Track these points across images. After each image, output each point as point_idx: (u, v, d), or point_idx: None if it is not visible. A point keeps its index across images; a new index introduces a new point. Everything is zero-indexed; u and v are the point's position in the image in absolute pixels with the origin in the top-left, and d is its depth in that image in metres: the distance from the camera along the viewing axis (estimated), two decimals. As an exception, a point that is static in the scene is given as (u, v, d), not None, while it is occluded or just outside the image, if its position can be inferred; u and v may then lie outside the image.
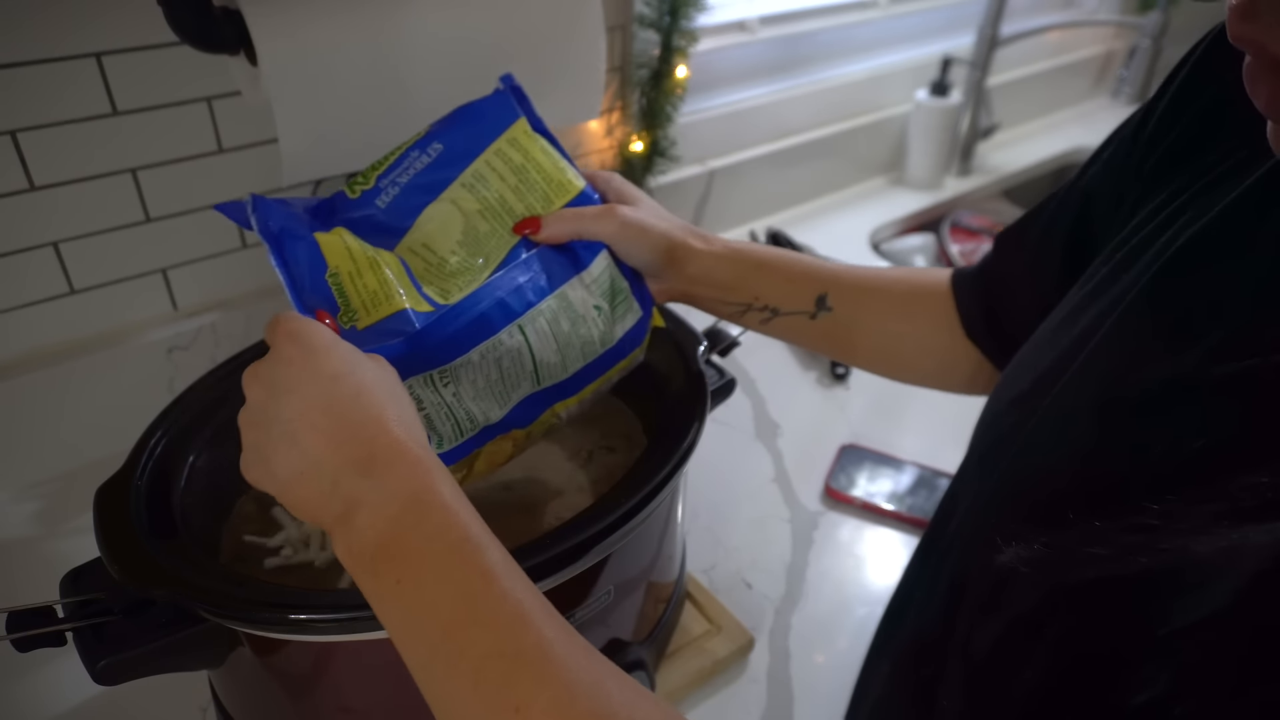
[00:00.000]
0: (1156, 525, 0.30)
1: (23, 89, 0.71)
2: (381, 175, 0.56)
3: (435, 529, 0.37)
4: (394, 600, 0.37)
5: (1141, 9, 1.78)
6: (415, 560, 0.36)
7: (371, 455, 0.38)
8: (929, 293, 0.62)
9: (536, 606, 0.36)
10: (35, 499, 0.80)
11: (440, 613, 0.35)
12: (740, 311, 0.61)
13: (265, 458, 0.40)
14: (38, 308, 0.79)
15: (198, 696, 0.63)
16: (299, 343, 0.41)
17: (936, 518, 0.52)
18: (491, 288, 0.51)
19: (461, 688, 0.34)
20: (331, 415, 0.39)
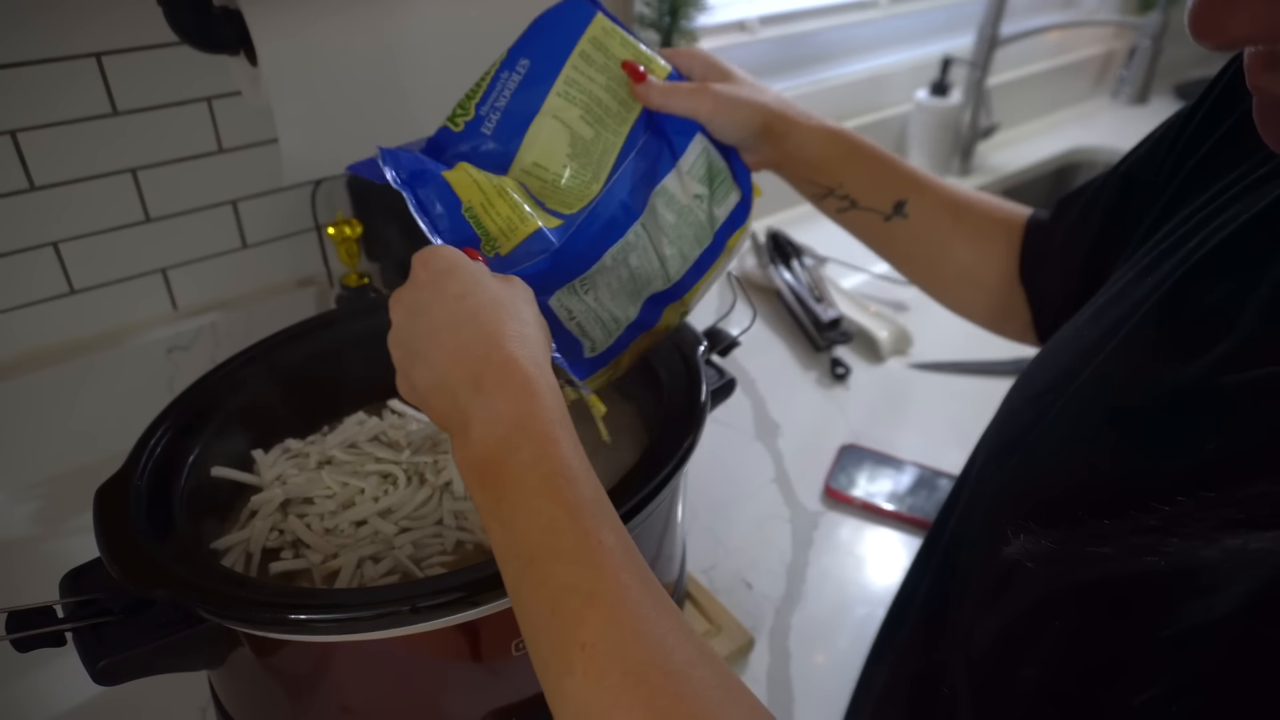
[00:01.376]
0: (1164, 527, 0.30)
1: (23, 89, 0.72)
2: (480, 103, 0.56)
3: (531, 458, 0.38)
4: (494, 517, 0.38)
5: (1141, 9, 1.78)
6: (512, 485, 0.38)
7: (483, 373, 0.40)
8: (1001, 226, 0.61)
9: (618, 547, 0.36)
10: (35, 499, 0.80)
11: (528, 540, 0.37)
12: (821, 195, 0.61)
13: (406, 374, 0.43)
14: (38, 308, 0.79)
15: (198, 696, 0.63)
16: (429, 267, 0.44)
17: (941, 515, 0.52)
18: (611, 193, 0.54)
19: (540, 613, 0.36)
20: (454, 332, 0.41)
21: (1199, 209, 0.41)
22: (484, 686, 0.53)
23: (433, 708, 0.53)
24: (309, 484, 0.59)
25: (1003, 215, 0.62)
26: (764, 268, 1.17)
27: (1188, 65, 2.00)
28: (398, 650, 0.49)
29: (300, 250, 0.92)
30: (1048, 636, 0.33)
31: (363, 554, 0.55)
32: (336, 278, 0.91)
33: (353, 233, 0.84)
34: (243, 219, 0.87)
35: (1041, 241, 0.59)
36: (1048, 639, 0.32)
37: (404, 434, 0.64)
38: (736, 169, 0.59)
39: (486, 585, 0.46)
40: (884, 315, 1.09)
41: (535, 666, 0.37)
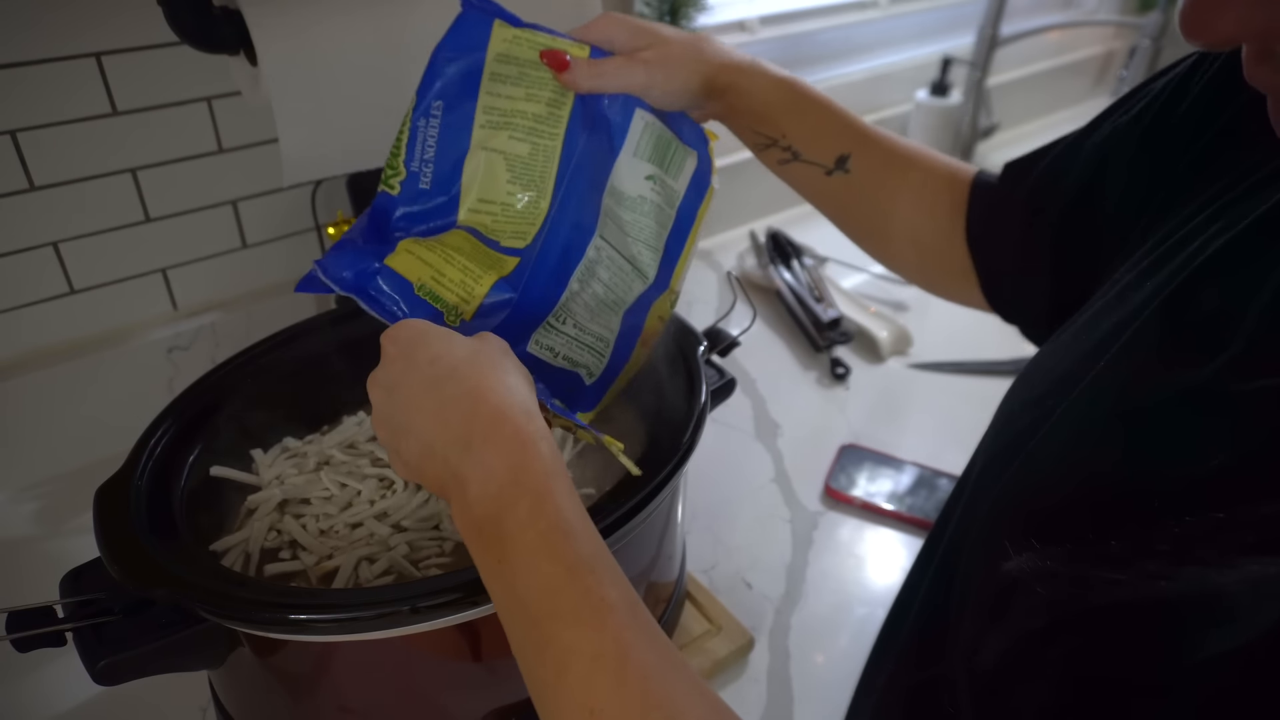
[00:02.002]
0: (1176, 552, 0.30)
1: (23, 89, 0.72)
2: (407, 159, 0.55)
3: (528, 514, 0.37)
4: (496, 578, 0.38)
5: (1141, 9, 1.78)
6: (510, 544, 0.37)
7: (471, 430, 0.39)
8: (945, 183, 0.60)
9: (621, 603, 0.36)
10: (35, 499, 0.80)
11: (529, 601, 0.36)
12: (764, 145, 0.59)
13: (397, 452, 0.43)
14: (38, 308, 0.79)
15: (198, 696, 0.63)
16: (398, 341, 0.43)
17: (941, 518, 0.51)
18: (561, 214, 0.53)
19: (547, 676, 0.35)
20: (431, 397, 0.41)
21: (1199, 209, 0.41)
22: (484, 686, 0.53)
23: (433, 708, 0.53)
24: (307, 485, 0.59)
25: (947, 172, 0.60)
26: (764, 268, 1.17)
27: (1188, 65, 1.99)
28: (398, 650, 0.49)
29: (300, 250, 0.92)
30: (1055, 659, 0.32)
31: (359, 555, 0.55)
32: (336, 278, 0.91)
33: (353, 233, 0.84)
34: (243, 219, 0.87)
35: (992, 206, 0.57)
36: (1055, 662, 0.32)
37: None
38: (684, 132, 0.56)
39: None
40: (884, 315, 1.09)
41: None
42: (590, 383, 0.54)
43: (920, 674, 0.45)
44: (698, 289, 1.18)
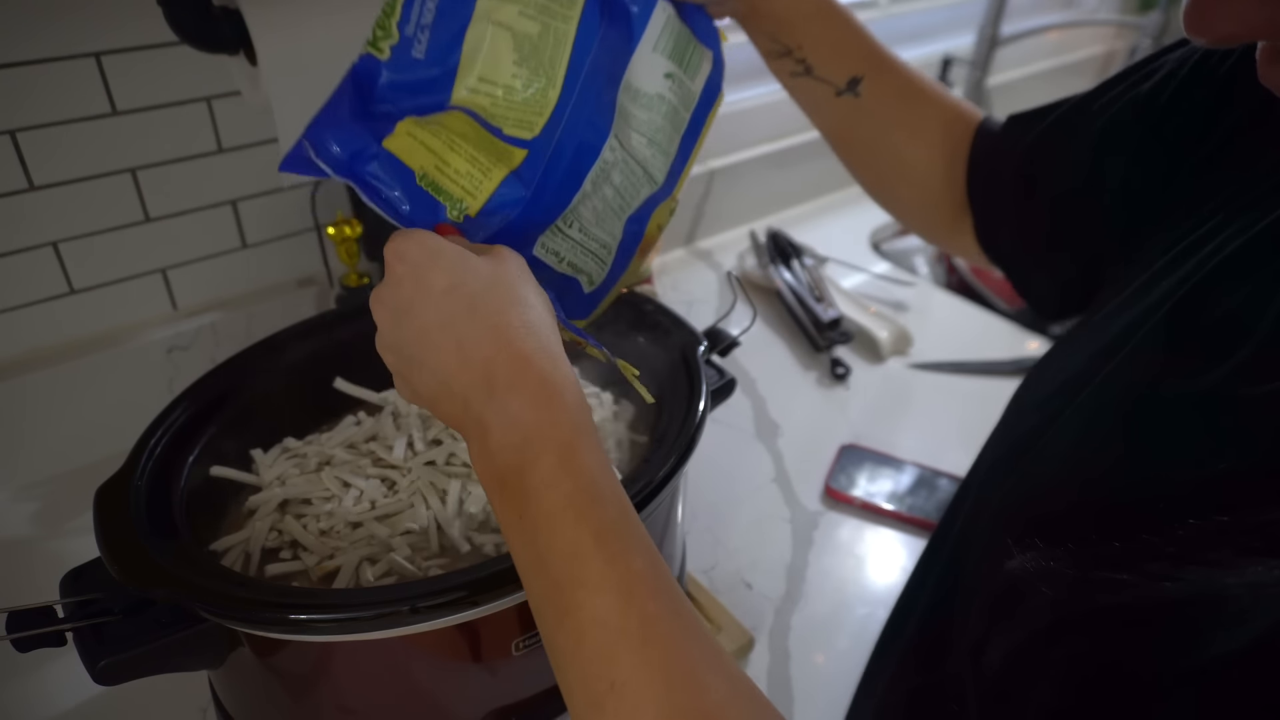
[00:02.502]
0: (1181, 554, 0.30)
1: (23, 89, 0.72)
2: (402, 20, 0.48)
3: (552, 473, 0.35)
4: (515, 531, 0.36)
5: (1141, 9, 1.78)
6: (533, 502, 0.35)
7: (494, 374, 0.37)
8: (953, 123, 0.59)
9: (648, 572, 0.35)
10: (35, 499, 0.80)
11: (551, 564, 0.35)
12: (778, 54, 0.57)
13: (405, 380, 0.40)
14: (38, 308, 0.79)
15: (198, 696, 0.63)
16: (406, 260, 0.40)
17: (945, 517, 0.51)
18: (577, 109, 0.48)
19: (566, 643, 0.34)
20: (449, 332, 0.38)
21: (1215, 210, 0.40)
22: (484, 686, 0.53)
23: (433, 708, 0.53)
24: (308, 485, 0.59)
25: (955, 111, 0.58)
26: (764, 268, 1.17)
27: (1188, 65, 1.99)
28: (398, 650, 0.49)
29: (300, 250, 0.92)
30: (1059, 660, 0.32)
31: (360, 556, 0.55)
32: (336, 278, 0.91)
33: (353, 233, 0.84)
34: (242, 219, 0.87)
35: (991, 157, 0.56)
36: (1060, 663, 0.32)
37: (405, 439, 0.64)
38: (699, 28, 0.52)
39: (486, 585, 0.46)
40: (884, 315, 1.09)
41: (561, 688, 0.35)
42: (589, 291, 0.51)
43: (923, 675, 0.45)
44: (698, 289, 1.18)
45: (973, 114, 0.59)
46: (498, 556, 0.53)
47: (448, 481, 0.59)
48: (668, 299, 1.15)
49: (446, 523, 0.57)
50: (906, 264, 1.32)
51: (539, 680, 0.55)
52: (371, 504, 0.58)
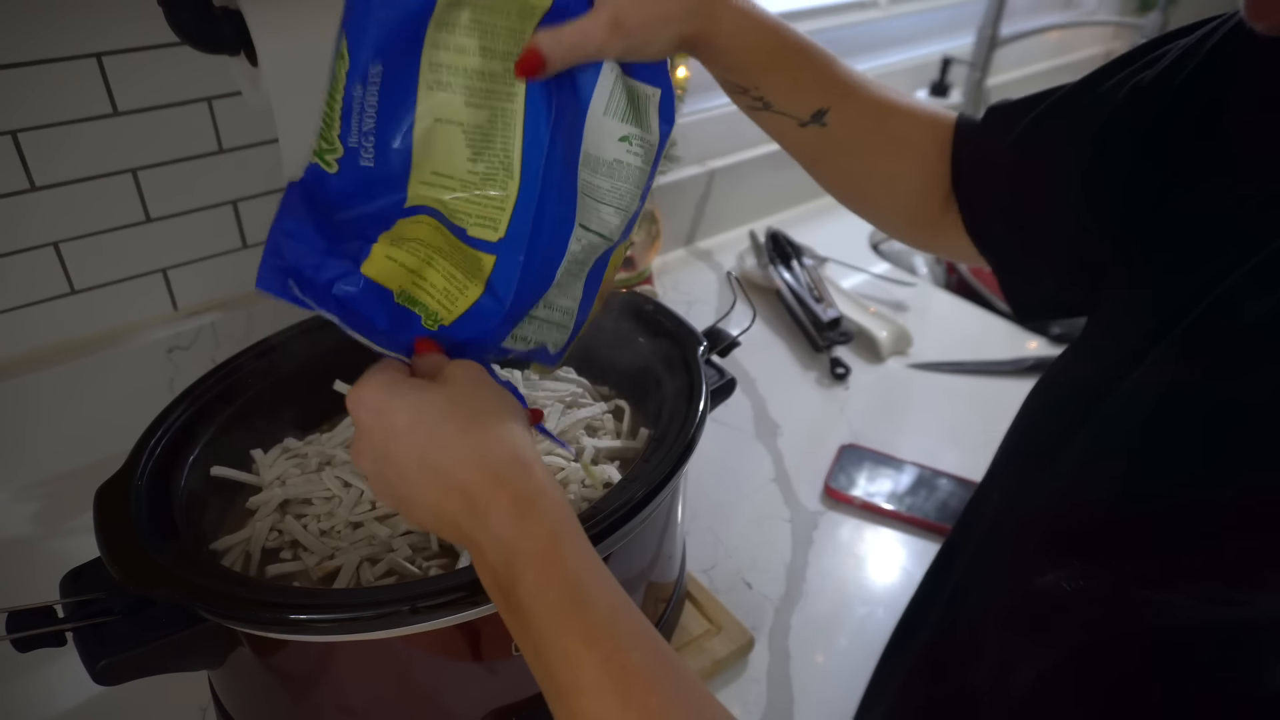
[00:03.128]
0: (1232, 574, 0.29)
1: (24, 89, 0.72)
2: (343, 134, 0.47)
3: (535, 585, 0.37)
4: (521, 638, 0.38)
5: (1141, 9, 1.78)
6: (526, 614, 0.37)
7: (472, 497, 0.39)
8: (927, 131, 0.57)
9: (645, 666, 0.35)
10: (35, 499, 0.80)
11: (552, 671, 0.36)
12: (736, 90, 0.55)
13: (409, 516, 0.42)
14: (38, 308, 0.79)
15: (198, 696, 0.63)
16: (367, 407, 0.41)
17: (963, 521, 0.50)
18: (542, 200, 0.46)
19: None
20: (426, 466, 0.40)
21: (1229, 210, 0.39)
22: (484, 686, 0.53)
23: (433, 708, 0.53)
24: (309, 485, 0.59)
25: (928, 118, 0.57)
26: (764, 268, 1.17)
27: (1188, 65, 1.99)
28: (398, 650, 0.49)
29: (300, 250, 0.92)
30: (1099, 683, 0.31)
31: (360, 556, 0.55)
32: (336, 278, 0.91)
33: (353, 233, 0.84)
34: (243, 219, 0.87)
35: (978, 148, 0.55)
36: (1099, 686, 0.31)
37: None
38: (643, 72, 0.49)
39: (486, 585, 0.46)
40: (884, 315, 1.09)
41: None
42: (555, 351, 0.52)
43: (936, 687, 0.44)
44: (698, 289, 1.18)
45: (947, 116, 0.58)
46: (498, 556, 0.53)
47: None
48: (668, 299, 1.15)
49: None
50: (906, 264, 1.32)
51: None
52: (372, 504, 0.58)
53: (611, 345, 0.69)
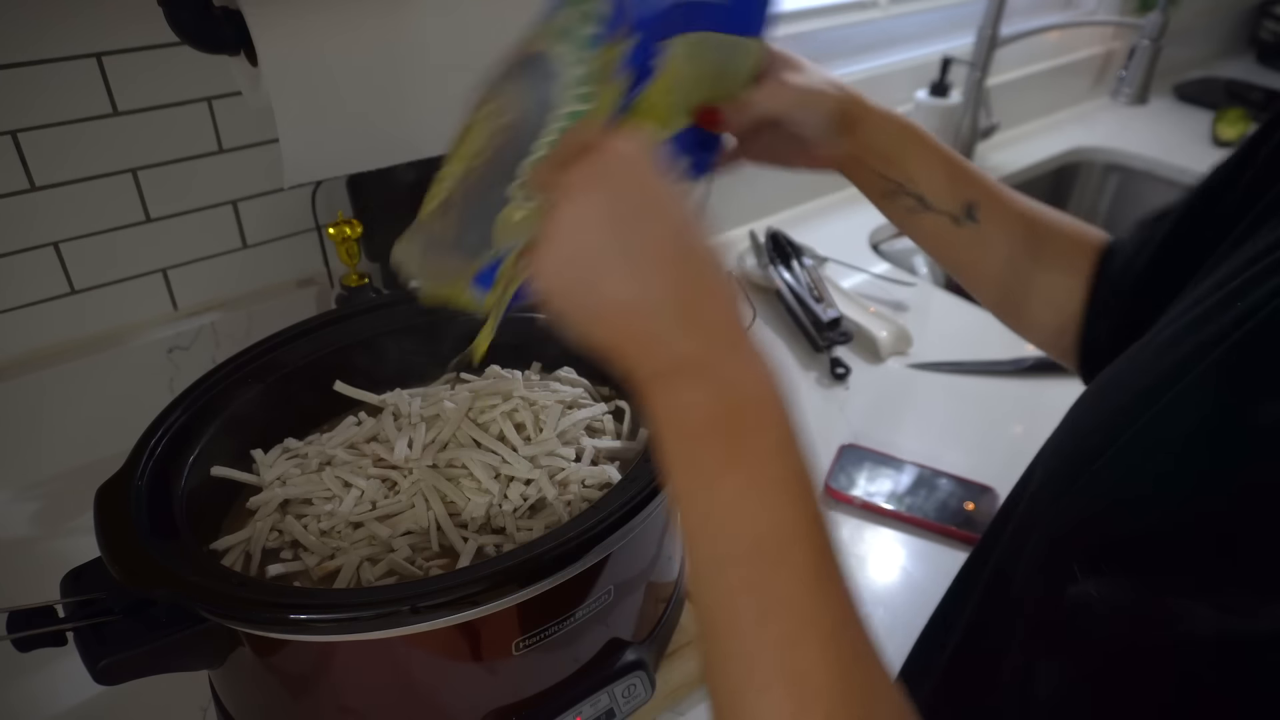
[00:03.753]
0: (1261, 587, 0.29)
1: (23, 89, 0.72)
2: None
3: (775, 445, 0.33)
4: (703, 488, 0.33)
5: (1141, 9, 1.78)
6: (745, 464, 0.33)
7: (714, 327, 0.34)
8: (1077, 247, 0.58)
9: (844, 576, 0.33)
10: (35, 499, 0.80)
11: (743, 534, 0.32)
12: (890, 191, 0.57)
13: (590, 279, 0.35)
14: (38, 308, 0.79)
15: (198, 696, 0.63)
16: (632, 157, 0.36)
17: (988, 534, 0.49)
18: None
19: (742, 617, 0.32)
20: (683, 267, 0.35)
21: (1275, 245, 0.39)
22: (484, 686, 0.53)
23: (433, 708, 0.53)
24: (309, 485, 0.59)
25: (1077, 235, 0.58)
26: (764, 268, 1.17)
27: (1187, 65, 1.99)
28: (398, 650, 0.49)
29: (300, 250, 0.92)
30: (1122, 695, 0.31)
31: (361, 556, 0.55)
32: (336, 278, 0.91)
33: (353, 233, 0.84)
34: (243, 219, 0.87)
35: (1117, 270, 0.55)
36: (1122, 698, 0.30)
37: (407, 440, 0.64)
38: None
39: (486, 585, 0.46)
40: (884, 315, 1.09)
41: (707, 658, 0.34)
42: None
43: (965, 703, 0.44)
44: (698, 289, 1.18)
45: (1095, 235, 0.59)
46: (498, 556, 0.53)
47: (449, 485, 0.59)
48: (668, 299, 1.15)
49: (446, 523, 0.57)
50: (906, 264, 1.32)
51: (539, 680, 0.55)
52: (372, 504, 0.58)
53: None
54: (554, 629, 0.52)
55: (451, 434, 0.62)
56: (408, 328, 0.71)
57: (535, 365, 0.73)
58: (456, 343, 0.72)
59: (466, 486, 0.59)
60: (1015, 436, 0.91)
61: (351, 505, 0.58)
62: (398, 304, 0.71)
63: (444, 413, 0.63)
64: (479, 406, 0.63)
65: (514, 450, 0.61)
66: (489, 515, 0.58)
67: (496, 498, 0.58)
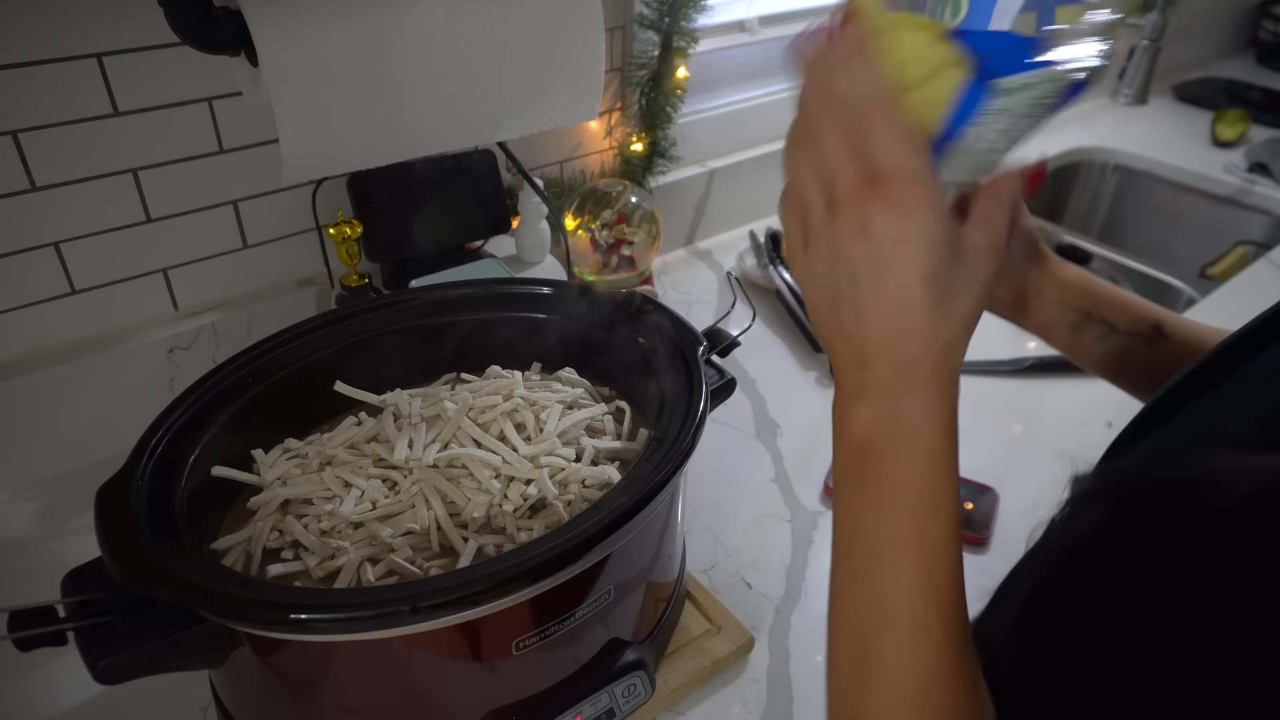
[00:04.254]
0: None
1: (25, 90, 0.72)
2: None
3: (914, 474, 0.38)
4: (843, 491, 0.40)
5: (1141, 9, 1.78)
6: (879, 483, 0.39)
7: (912, 370, 0.37)
8: None
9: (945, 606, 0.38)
10: (36, 499, 0.80)
11: (871, 537, 0.39)
12: (1079, 321, 0.58)
13: (839, 300, 0.39)
14: (39, 308, 0.79)
15: (198, 696, 0.63)
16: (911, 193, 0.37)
17: None
18: None
19: (848, 603, 0.43)
20: (910, 318, 0.37)
21: None
22: (484, 686, 0.53)
23: (433, 707, 0.53)
24: (310, 485, 0.59)
25: None
26: (764, 268, 1.17)
27: (1187, 66, 1.99)
28: (398, 650, 0.49)
29: (300, 250, 0.92)
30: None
31: (362, 556, 0.55)
32: (336, 278, 0.91)
33: (353, 233, 0.84)
34: (243, 219, 0.88)
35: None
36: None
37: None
38: None
39: (486, 585, 0.46)
40: (884, 315, 1.09)
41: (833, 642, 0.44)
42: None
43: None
44: (698, 289, 1.18)
45: None
46: (498, 556, 0.53)
47: (449, 485, 0.59)
48: (668, 299, 1.15)
49: (447, 523, 0.57)
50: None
51: (539, 680, 0.55)
52: (373, 504, 0.58)
53: (612, 346, 0.69)
54: (554, 629, 0.52)
55: (452, 434, 0.62)
56: (408, 328, 0.71)
57: (535, 365, 0.73)
58: (457, 343, 0.72)
59: (467, 486, 0.59)
60: (1015, 436, 0.91)
61: (352, 505, 0.58)
62: (398, 304, 0.71)
63: (444, 413, 0.63)
64: (479, 406, 0.63)
65: (514, 450, 0.61)
66: (489, 515, 0.58)
67: (497, 498, 0.58)
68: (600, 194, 1.06)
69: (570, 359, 0.72)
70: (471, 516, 0.57)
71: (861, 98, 0.37)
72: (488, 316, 0.72)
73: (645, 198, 1.07)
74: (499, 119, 0.79)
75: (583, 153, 1.11)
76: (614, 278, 1.07)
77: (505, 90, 0.77)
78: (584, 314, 0.70)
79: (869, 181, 0.37)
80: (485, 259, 0.95)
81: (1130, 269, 1.44)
